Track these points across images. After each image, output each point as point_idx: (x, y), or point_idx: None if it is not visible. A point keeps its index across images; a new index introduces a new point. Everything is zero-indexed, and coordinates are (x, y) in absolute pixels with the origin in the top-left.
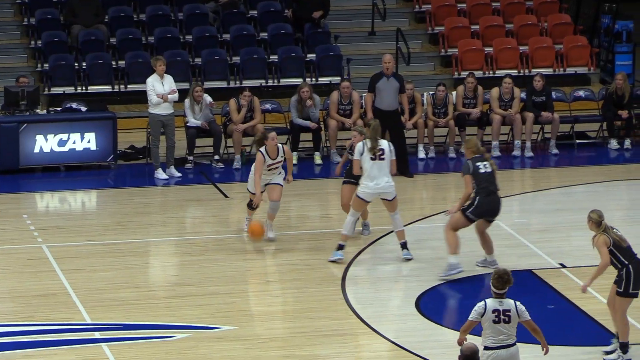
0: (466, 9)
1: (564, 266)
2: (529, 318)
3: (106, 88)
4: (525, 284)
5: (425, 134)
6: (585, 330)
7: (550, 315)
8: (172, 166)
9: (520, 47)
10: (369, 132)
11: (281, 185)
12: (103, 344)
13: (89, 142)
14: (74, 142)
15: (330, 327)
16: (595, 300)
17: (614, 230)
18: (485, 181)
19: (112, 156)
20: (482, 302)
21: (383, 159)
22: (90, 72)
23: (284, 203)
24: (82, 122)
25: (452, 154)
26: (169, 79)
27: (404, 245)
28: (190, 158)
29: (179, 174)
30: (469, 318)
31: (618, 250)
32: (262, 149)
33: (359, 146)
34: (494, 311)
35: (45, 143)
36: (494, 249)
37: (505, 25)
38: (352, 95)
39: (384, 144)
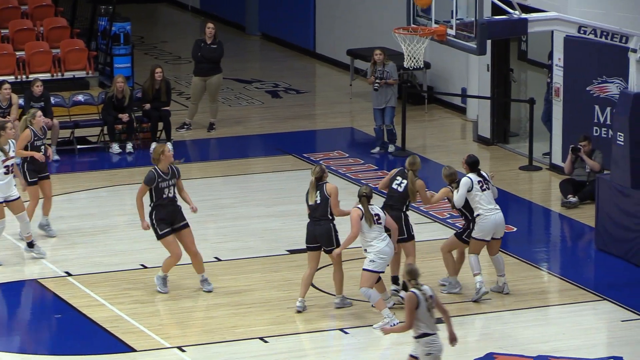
0: None
1: (69, 274)
2: None
3: None
4: (30, 294)
5: None
6: (94, 339)
7: (58, 325)
8: None
9: (17, 53)
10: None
11: None
12: None
13: None
14: None
15: None
16: (103, 307)
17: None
18: None
19: None
20: None
21: None
22: None
23: None
24: None
25: None
26: None
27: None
28: None
29: None
30: None
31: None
32: None
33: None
34: None
35: None
36: None
37: (0, 31)
38: None
39: None
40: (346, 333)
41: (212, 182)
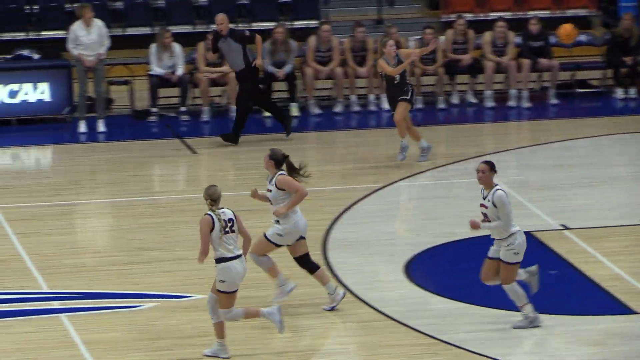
0: None
1: (566, 227)
2: None
3: (60, 33)
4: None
5: (412, 82)
6: (591, 298)
7: (552, 281)
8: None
9: None
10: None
11: None
12: (62, 315)
13: (42, 93)
14: (26, 93)
15: (311, 296)
16: (601, 265)
17: None
18: None
19: (67, 108)
20: None
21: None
22: (42, 16)
23: (258, 159)
24: (34, 72)
25: (441, 105)
26: (97, 26)
27: None
28: (154, 110)
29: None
30: None
31: None
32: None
33: None
34: None
35: None
36: None
37: None
38: (331, 40)
39: None
40: None
41: None
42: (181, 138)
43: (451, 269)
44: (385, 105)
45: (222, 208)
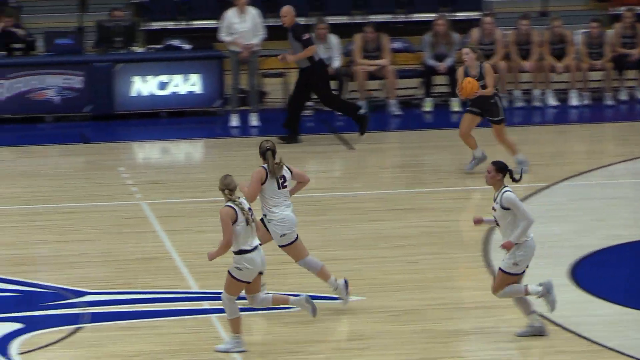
0: None
1: None
2: None
3: (212, 23)
4: None
5: (578, 78)
6: None
7: None
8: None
9: None
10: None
11: None
12: (212, 315)
13: (193, 84)
14: (176, 85)
15: (471, 299)
16: None
17: None
18: None
19: (219, 101)
20: None
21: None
22: (193, 5)
23: (417, 156)
24: (185, 62)
25: (609, 101)
26: (251, 14)
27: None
28: (310, 104)
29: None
30: None
31: None
32: None
33: None
34: None
35: (143, 85)
36: None
37: None
38: (494, 33)
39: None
40: None
41: None
42: (337, 133)
43: (619, 273)
44: (551, 101)
45: (240, 197)
